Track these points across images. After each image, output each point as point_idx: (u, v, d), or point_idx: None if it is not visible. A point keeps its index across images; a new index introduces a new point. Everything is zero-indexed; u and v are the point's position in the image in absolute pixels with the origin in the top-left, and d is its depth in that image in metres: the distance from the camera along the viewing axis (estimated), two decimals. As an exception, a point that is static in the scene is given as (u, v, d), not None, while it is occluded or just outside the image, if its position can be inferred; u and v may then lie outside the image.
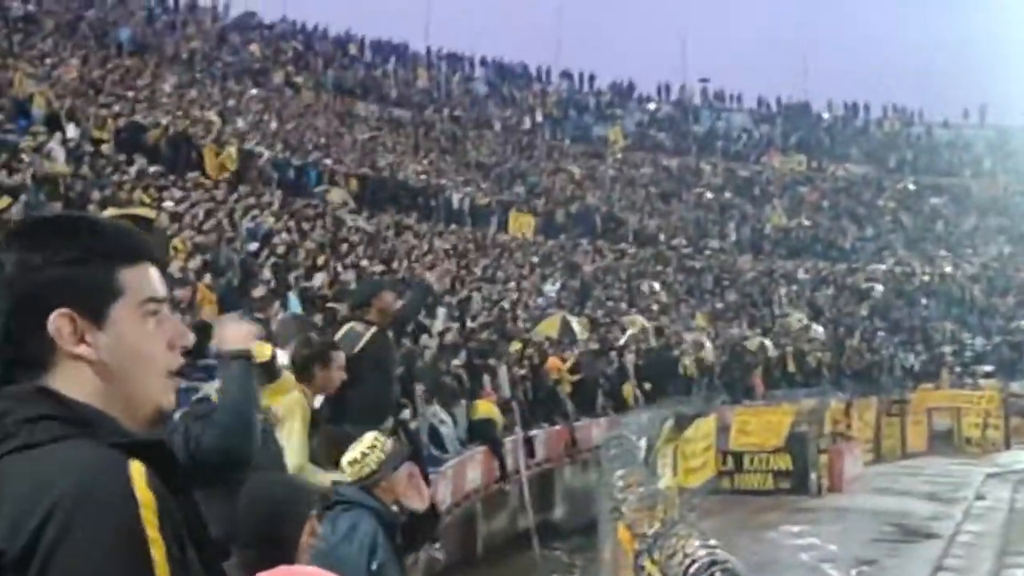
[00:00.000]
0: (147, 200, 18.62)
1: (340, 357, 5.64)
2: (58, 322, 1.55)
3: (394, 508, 4.86)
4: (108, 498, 1.42)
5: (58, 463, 1.45)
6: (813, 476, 20.22)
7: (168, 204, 19.06)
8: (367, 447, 4.88)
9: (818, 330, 31.34)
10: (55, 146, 19.47)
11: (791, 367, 28.12)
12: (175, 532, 1.45)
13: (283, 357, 6.06)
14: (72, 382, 1.56)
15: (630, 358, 23.47)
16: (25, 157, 17.48)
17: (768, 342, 28.08)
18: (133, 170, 20.91)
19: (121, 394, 1.60)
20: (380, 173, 32.64)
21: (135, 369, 1.61)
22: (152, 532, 1.41)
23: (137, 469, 1.45)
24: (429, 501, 5.20)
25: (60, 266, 1.56)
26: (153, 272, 1.65)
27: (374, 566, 4.56)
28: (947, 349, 33.86)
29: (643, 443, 14.82)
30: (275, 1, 48.89)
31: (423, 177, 34.62)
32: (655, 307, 30.27)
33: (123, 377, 1.60)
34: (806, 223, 45.36)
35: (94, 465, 1.45)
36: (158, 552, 1.41)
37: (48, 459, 1.45)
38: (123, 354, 1.59)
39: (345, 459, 4.88)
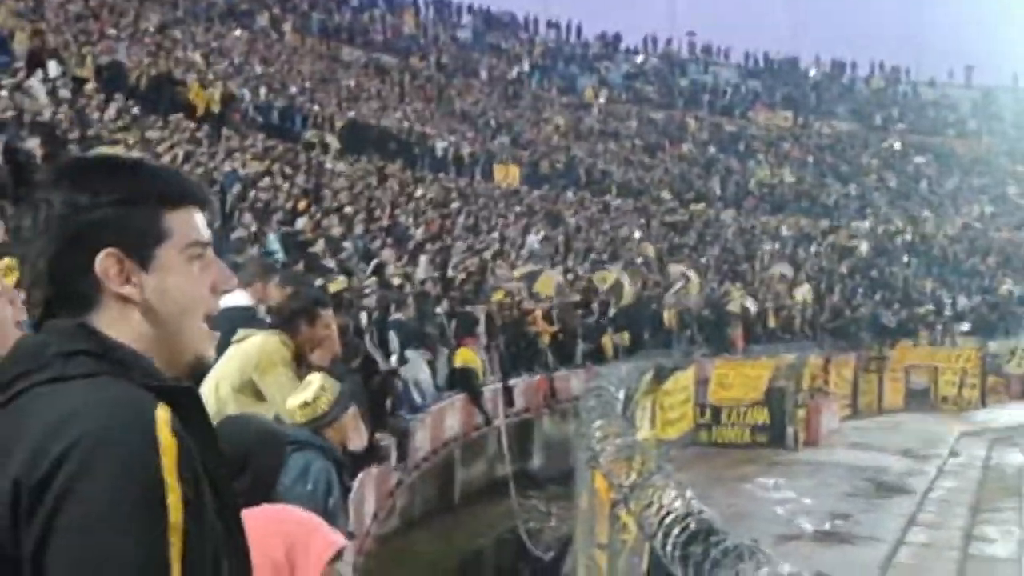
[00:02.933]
0: (130, 140, 18.45)
1: (327, 315, 5.57)
2: (105, 262, 1.56)
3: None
4: (130, 439, 1.42)
5: (85, 398, 1.45)
6: (790, 430, 20.33)
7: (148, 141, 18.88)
8: (318, 389, 4.86)
9: (802, 287, 31.41)
10: (35, 83, 19.25)
11: (771, 322, 28.21)
12: (194, 479, 1.45)
13: (243, 298, 5.98)
14: (115, 322, 1.58)
15: (610, 310, 23.51)
16: (5, 94, 17.25)
17: (749, 300, 28.12)
18: (113, 109, 20.70)
19: (163, 337, 1.61)
20: (364, 119, 32.43)
21: (179, 312, 1.62)
22: (169, 477, 1.42)
23: (163, 413, 1.46)
24: (367, 441, 5.24)
25: (108, 207, 1.57)
26: (198, 216, 1.66)
27: (330, 504, 4.57)
28: (927, 308, 34.00)
29: (622, 394, 14.85)
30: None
31: (407, 125, 34.43)
32: (639, 260, 30.27)
33: (166, 319, 1.61)
34: (790, 179, 45.39)
35: (121, 404, 1.45)
36: (173, 496, 1.42)
37: (76, 393, 1.46)
38: (168, 296, 1.61)
39: (295, 401, 4.85)
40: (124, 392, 1.47)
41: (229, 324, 5.09)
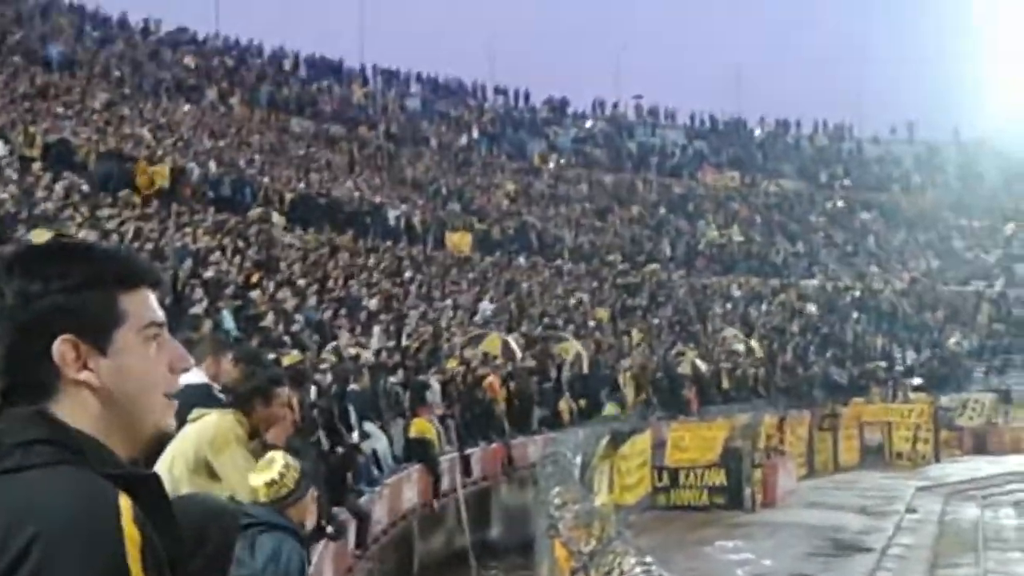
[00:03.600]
0: (78, 218, 18.37)
1: (283, 393, 5.54)
2: (62, 348, 1.56)
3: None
4: (94, 531, 1.42)
5: (47, 489, 1.45)
6: (748, 491, 20.37)
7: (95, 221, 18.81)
8: (282, 468, 4.85)
9: (752, 346, 31.62)
10: (-18, 164, 19.17)
11: (725, 383, 28.34)
12: (158, 569, 1.45)
13: (197, 376, 5.96)
14: (75, 407, 1.57)
15: (566, 375, 23.56)
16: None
17: (700, 360, 28.28)
18: (61, 187, 20.62)
19: (123, 418, 1.61)
20: (315, 190, 32.47)
21: (138, 393, 1.62)
22: (135, 567, 1.42)
23: (126, 503, 1.45)
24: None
25: (62, 293, 1.57)
26: (152, 296, 1.67)
27: None
28: (877, 364, 34.32)
29: (579, 460, 14.87)
30: (208, 16, 48.58)
31: (358, 194, 34.49)
32: (591, 323, 30.38)
33: (126, 401, 1.61)
34: (739, 238, 45.82)
35: (83, 496, 1.45)
36: None
37: (37, 484, 1.46)
38: (126, 379, 1.61)
39: (260, 479, 4.83)
40: (86, 482, 1.47)
41: (184, 402, 5.07)
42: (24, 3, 39.16)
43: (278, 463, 4.86)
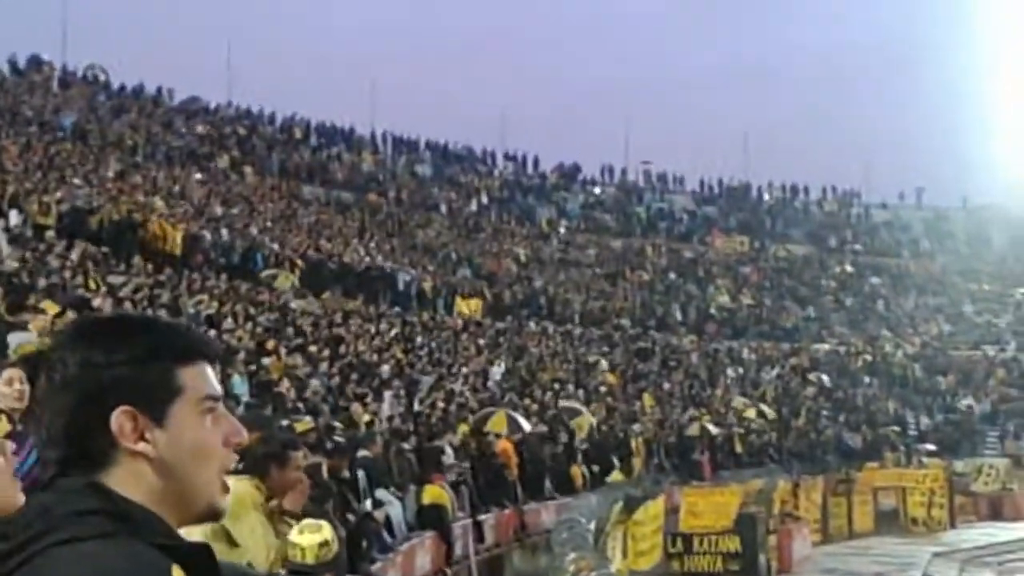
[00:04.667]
0: (92, 285, 18.46)
1: (298, 457, 5.54)
2: (120, 419, 1.58)
3: None
4: None
5: (101, 561, 1.46)
6: (762, 558, 20.16)
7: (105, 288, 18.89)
8: (331, 531, 4.89)
9: (763, 411, 31.50)
10: (-3, 232, 19.31)
11: (738, 447, 28.20)
12: None
13: None
14: (130, 478, 1.59)
15: (578, 441, 23.47)
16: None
17: (711, 425, 28.16)
18: (75, 254, 20.74)
19: (177, 491, 1.62)
20: (326, 256, 32.61)
21: (193, 467, 1.63)
22: None
23: (179, 574, 1.47)
24: None
25: (122, 365, 1.59)
26: (209, 371, 1.68)
27: None
28: (891, 428, 34.11)
29: (593, 526, 14.78)
30: (220, 85, 49.11)
31: (368, 260, 34.62)
32: (602, 388, 30.31)
33: (180, 474, 1.62)
34: (750, 303, 45.81)
35: (137, 566, 1.46)
36: None
37: (91, 556, 1.46)
38: (182, 452, 1.62)
39: (312, 540, 4.85)
40: (139, 553, 1.48)
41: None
42: (38, 73, 39.67)
43: (327, 526, 4.90)
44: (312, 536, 4.88)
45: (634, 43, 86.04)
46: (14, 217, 21.69)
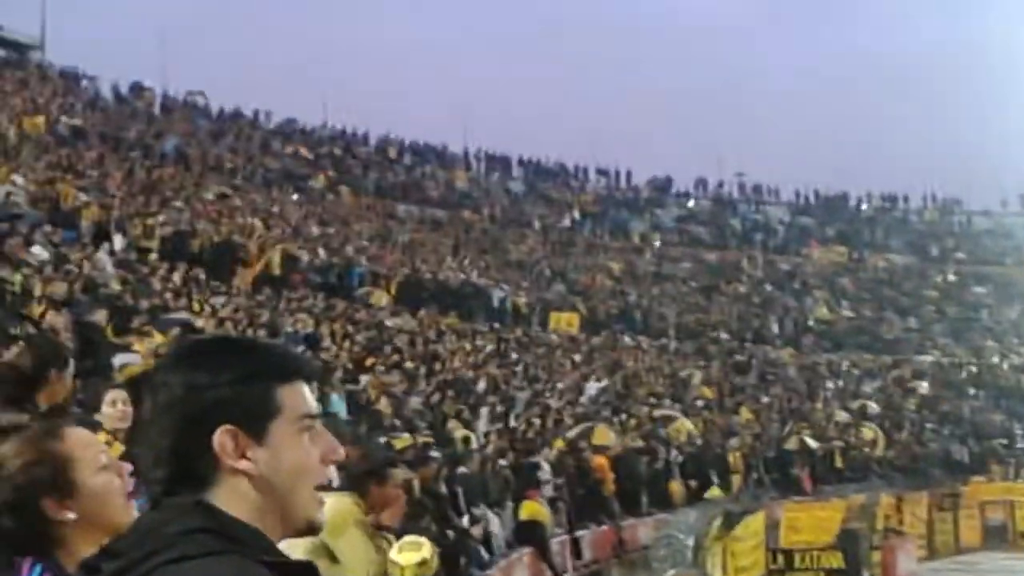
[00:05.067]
0: (195, 307, 18.84)
1: (396, 474, 5.60)
2: (222, 438, 1.63)
3: None
4: None
5: None
6: (866, 574, 19.78)
7: (209, 308, 19.25)
8: (431, 549, 4.94)
9: (864, 425, 30.94)
10: (102, 256, 19.80)
11: (838, 462, 27.74)
12: None
13: None
14: (233, 496, 1.64)
15: (675, 455, 23.29)
16: (74, 268, 17.74)
17: (811, 439, 27.74)
18: (178, 276, 21.19)
19: (277, 507, 1.67)
20: (420, 274, 32.87)
21: (292, 483, 1.68)
22: None
23: None
24: None
25: (224, 386, 1.64)
26: (307, 389, 1.73)
27: None
28: (997, 441, 33.26)
29: (691, 542, 14.65)
30: (316, 107, 49.85)
31: (463, 277, 34.81)
32: (699, 402, 30.05)
33: (280, 491, 1.67)
34: (849, 315, 45.08)
35: None
36: None
37: (199, 574, 1.51)
38: (282, 469, 1.67)
39: (412, 558, 4.90)
40: (246, 570, 1.52)
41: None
42: (140, 100, 40.68)
43: (427, 545, 4.95)
44: (411, 555, 4.93)
45: (725, 53, 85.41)
46: (118, 241, 22.23)
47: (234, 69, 62.49)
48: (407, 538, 5.06)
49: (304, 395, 1.71)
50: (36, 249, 17.84)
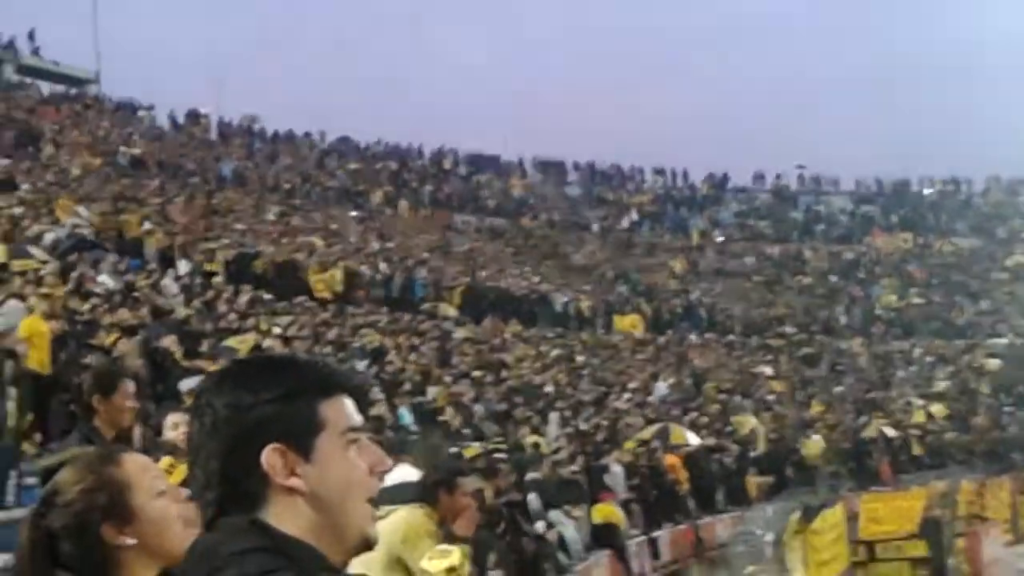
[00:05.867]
0: (262, 327, 18.99)
1: (466, 483, 5.57)
2: (271, 457, 1.63)
3: None
4: None
5: None
6: (951, 561, 19.42)
7: (277, 329, 19.37)
8: (461, 555, 4.90)
9: (936, 410, 30.48)
10: (168, 282, 20.03)
11: (916, 449, 27.33)
12: None
13: (413, 473, 6.02)
14: (285, 514, 1.63)
15: (749, 451, 23.09)
16: (140, 295, 17.97)
17: (887, 428, 27.35)
18: (243, 299, 21.38)
19: (330, 523, 1.66)
20: (482, 282, 32.91)
21: (343, 497, 1.67)
22: None
23: None
24: None
25: (268, 404, 1.65)
26: (349, 403, 1.72)
27: None
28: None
29: (770, 538, 14.48)
30: (369, 124, 50.23)
31: (525, 283, 34.80)
32: (770, 397, 29.77)
33: (332, 506, 1.66)
34: (918, 301, 44.45)
35: None
36: None
37: None
38: (331, 484, 1.66)
39: (438, 567, 4.87)
40: None
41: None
42: (196, 126, 41.19)
43: (458, 551, 4.91)
44: (439, 562, 4.89)
45: (778, 43, 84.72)
46: (183, 266, 22.49)
47: (287, 91, 63.14)
48: (439, 547, 5.05)
49: (347, 408, 1.71)
50: (103, 278, 18.09)
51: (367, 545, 1.71)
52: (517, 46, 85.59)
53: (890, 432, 27.15)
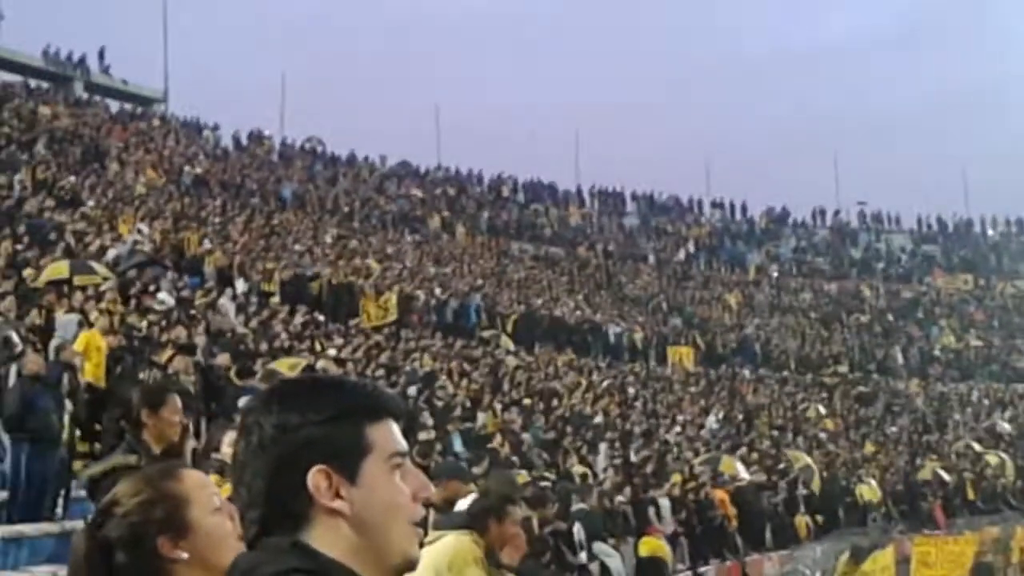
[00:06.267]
0: (318, 348, 19.14)
1: (516, 512, 5.58)
2: (316, 478, 1.63)
3: None
4: None
5: None
6: (1003, 608, 19.14)
7: (331, 351, 19.51)
8: None
9: (996, 457, 29.98)
10: (225, 301, 20.26)
11: (970, 494, 26.91)
12: None
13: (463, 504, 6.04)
14: (328, 536, 1.63)
15: (801, 489, 22.84)
16: (198, 314, 18.18)
17: (941, 470, 26.98)
18: (298, 320, 21.57)
19: (373, 546, 1.66)
20: (536, 311, 32.92)
21: (386, 522, 1.67)
22: None
23: None
24: None
25: (315, 426, 1.65)
26: (395, 427, 1.73)
27: None
28: None
29: (818, 578, 14.33)
30: (430, 150, 50.52)
31: (579, 313, 34.76)
32: (823, 435, 29.46)
33: (375, 530, 1.66)
34: (977, 343, 43.85)
35: None
36: None
37: None
38: (375, 508, 1.66)
39: None
40: None
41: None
42: (259, 147, 41.69)
43: None
44: None
45: (840, 77, 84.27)
46: (240, 285, 22.73)
47: (349, 115, 63.71)
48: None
49: (393, 433, 1.71)
50: (162, 295, 18.34)
51: (408, 566, 1.70)
52: (578, 75, 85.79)
53: (944, 475, 26.78)
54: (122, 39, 52.84)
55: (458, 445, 16.82)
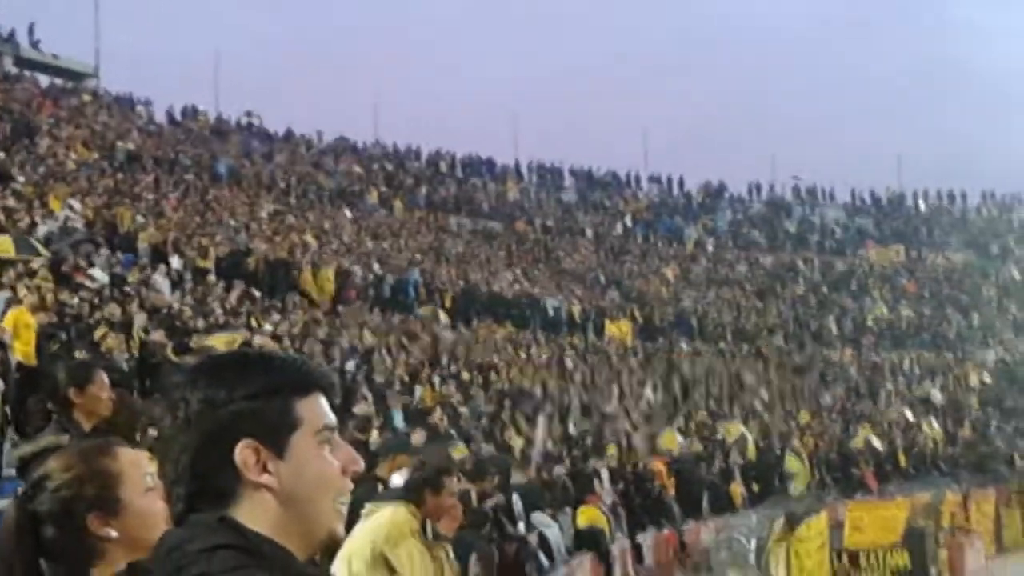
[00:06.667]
0: (254, 324, 19.03)
1: (452, 483, 5.62)
2: (244, 453, 1.63)
3: None
4: None
5: None
6: (933, 572, 19.51)
7: (267, 327, 19.42)
8: None
9: (925, 423, 30.60)
10: (159, 278, 20.06)
11: (902, 460, 27.43)
12: None
13: (399, 479, 6.07)
14: (255, 511, 1.63)
15: (735, 458, 23.14)
16: (132, 291, 18.00)
17: (874, 437, 27.46)
18: (234, 296, 21.41)
19: (300, 520, 1.66)
20: (475, 285, 32.95)
21: (314, 495, 1.67)
22: None
23: None
24: None
25: (243, 401, 1.65)
26: (323, 401, 1.73)
27: None
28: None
29: (753, 544, 14.55)
30: (367, 125, 50.24)
31: (517, 287, 34.82)
32: (757, 405, 29.83)
33: (302, 504, 1.66)
34: (908, 313, 44.59)
35: None
36: None
37: None
38: (303, 482, 1.66)
39: None
40: None
41: (355, 499, 5.21)
42: (194, 122, 41.20)
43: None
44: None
45: (776, 58, 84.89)
46: (175, 261, 22.51)
47: (285, 90, 63.11)
48: None
49: (322, 407, 1.71)
50: (95, 272, 18.12)
51: (332, 541, 1.71)
52: (516, 51, 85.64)
53: (876, 442, 27.24)
54: (53, 14, 51.81)
55: (399, 420, 16.84)
